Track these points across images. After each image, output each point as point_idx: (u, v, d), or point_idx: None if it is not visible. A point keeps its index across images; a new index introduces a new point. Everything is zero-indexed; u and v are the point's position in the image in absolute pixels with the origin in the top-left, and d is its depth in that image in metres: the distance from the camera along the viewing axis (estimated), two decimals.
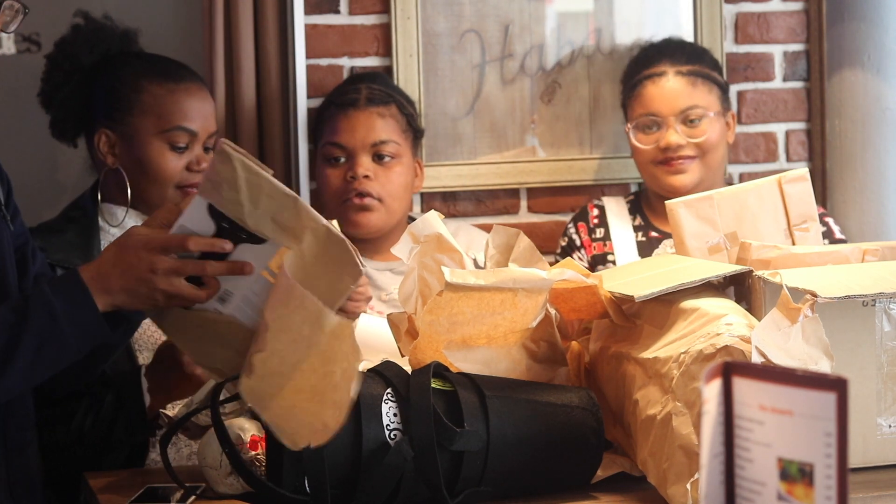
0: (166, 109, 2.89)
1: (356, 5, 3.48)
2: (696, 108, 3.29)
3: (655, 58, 3.36)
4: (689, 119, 3.29)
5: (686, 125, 3.29)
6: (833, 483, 1.39)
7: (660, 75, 3.32)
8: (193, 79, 2.96)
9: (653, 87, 3.32)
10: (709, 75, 3.34)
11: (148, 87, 2.90)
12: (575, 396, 2.16)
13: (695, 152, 3.28)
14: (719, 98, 3.35)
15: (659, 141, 3.29)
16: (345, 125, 3.19)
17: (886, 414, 2.15)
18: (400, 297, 2.34)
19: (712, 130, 3.30)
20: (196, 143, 2.89)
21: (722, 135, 3.34)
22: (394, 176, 3.18)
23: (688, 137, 3.28)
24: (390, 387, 2.08)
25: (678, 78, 3.31)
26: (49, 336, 2.08)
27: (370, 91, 3.23)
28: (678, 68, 3.32)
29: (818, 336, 1.99)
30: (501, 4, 3.54)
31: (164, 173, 2.87)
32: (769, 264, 2.30)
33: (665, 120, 3.29)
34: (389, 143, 3.18)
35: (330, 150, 3.21)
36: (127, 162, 2.89)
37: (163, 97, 2.89)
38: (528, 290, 2.18)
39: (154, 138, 2.88)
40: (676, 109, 3.29)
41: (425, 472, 2.03)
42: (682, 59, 3.34)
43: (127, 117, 2.89)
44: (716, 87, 3.35)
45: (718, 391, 1.48)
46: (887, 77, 3.55)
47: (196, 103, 2.92)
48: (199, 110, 2.91)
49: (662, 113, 3.29)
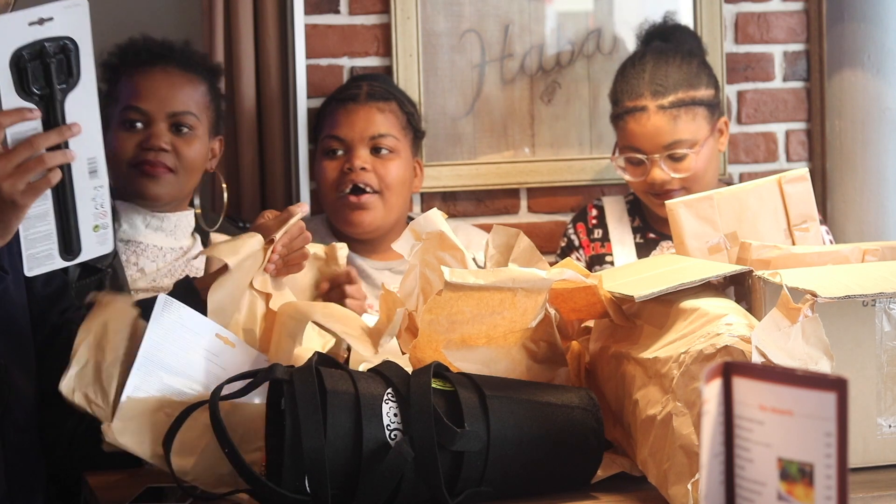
0: (124, 94, 2.98)
1: (356, 5, 3.48)
2: (680, 143, 3.22)
3: (637, 89, 3.26)
4: (675, 156, 3.24)
5: (671, 160, 3.25)
6: (833, 483, 1.39)
7: (641, 110, 3.24)
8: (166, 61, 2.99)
9: (635, 124, 3.25)
10: (693, 100, 3.25)
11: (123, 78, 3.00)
12: (575, 396, 2.16)
13: (681, 185, 3.23)
14: (706, 118, 3.27)
15: (645, 176, 3.26)
16: (344, 119, 3.20)
17: (886, 414, 2.15)
18: (401, 294, 2.34)
19: (698, 162, 3.23)
20: (151, 122, 2.93)
21: (711, 157, 3.27)
22: (392, 168, 3.17)
23: (673, 173, 3.24)
24: (390, 387, 2.08)
25: (660, 114, 3.23)
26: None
27: (371, 87, 3.24)
28: (660, 101, 3.23)
29: (818, 336, 1.99)
30: (501, 4, 3.54)
31: (114, 152, 2.94)
32: (769, 264, 2.30)
33: (649, 157, 3.24)
34: (388, 137, 3.18)
35: (329, 142, 3.21)
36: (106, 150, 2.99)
37: (126, 83, 2.99)
38: (527, 290, 2.18)
39: (115, 123, 2.97)
40: (659, 146, 3.23)
41: (426, 472, 2.03)
42: (664, 91, 3.24)
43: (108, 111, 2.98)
44: (700, 108, 3.26)
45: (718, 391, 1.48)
46: (887, 77, 3.55)
47: (153, 83, 2.96)
48: (155, 91, 2.95)
49: (645, 149, 3.23)
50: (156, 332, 2.20)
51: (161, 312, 2.22)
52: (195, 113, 2.96)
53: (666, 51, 3.33)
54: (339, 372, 2.10)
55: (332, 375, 2.07)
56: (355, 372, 2.11)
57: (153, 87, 2.96)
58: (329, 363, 2.13)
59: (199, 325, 2.25)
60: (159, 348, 2.20)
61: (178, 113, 2.95)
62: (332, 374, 2.08)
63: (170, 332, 2.22)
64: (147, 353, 2.19)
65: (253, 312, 2.38)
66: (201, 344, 2.23)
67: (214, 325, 2.27)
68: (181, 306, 2.24)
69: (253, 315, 2.38)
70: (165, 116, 2.94)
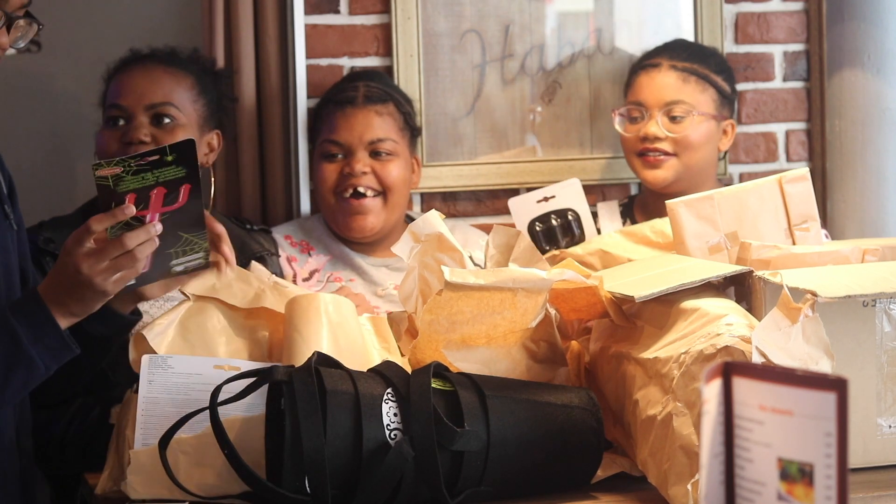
0: (109, 95, 2.98)
1: (356, 5, 3.48)
2: (682, 103, 3.26)
3: (657, 52, 3.36)
4: (673, 114, 3.27)
5: (669, 119, 3.27)
6: (833, 483, 1.39)
7: (654, 66, 3.31)
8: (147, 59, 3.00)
9: (645, 77, 3.31)
10: (707, 76, 3.32)
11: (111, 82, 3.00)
12: (575, 397, 2.16)
13: (672, 148, 3.25)
14: (715, 101, 3.30)
15: (640, 131, 3.28)
16: (342, 123, 3.19)
17: (886, 414, 2.15)
18: (400, 296, 2.34)
19: (694, 129, 3.26)
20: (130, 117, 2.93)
21: (708, 137, 3.29)
22: (392, 169, 3.17)
23: (667, 132, 3.26)
24: (390, 387, 2.08)
25: (670, 72, 3.29)
26: (15, 361, 2.12)
27: (368, 89, 3.23)
28: (674, 63, 3.30)
29: (818, 336, 1.99)
30: (502, 4, 3.54)
31: (100, 153, 2.94)
32: (769, 264, 2.30)
33: (649, 111, 3.28)
34: (387, 141, 3.18)
35: (327, 147, 3.20)
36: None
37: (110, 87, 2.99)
38: (527, 290, 2.18)
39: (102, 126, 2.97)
40: (661, 101, 3.27)
41: (426, 472, 2.03)
42: (681, 56, 3.32)
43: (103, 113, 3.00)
44: (712, 89, 3.31)
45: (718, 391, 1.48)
46: (887, 77, 3.55)
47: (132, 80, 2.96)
48: (134, 86, 2.95)
49: (648, 103, 3.28)
50: (147, 390, 2.24)
51: (147, 370, 2.25)
52: (176, 104, 2.94)
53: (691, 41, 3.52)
54: (339, 371, 2.10)
55: (331, 375, 2.07)
56: (355, 372, 2.11)
57: (132, 83, 2.95)
58: (328, 363, 2.13)
59: (193, 366, 2.28)
60: (155, 402, 2.24)
61: (157, 104, 2.92)
62: (332, 373, 2.08)
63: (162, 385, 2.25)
64: (145, 411, 2.23)
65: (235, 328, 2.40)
66: (201, 381, 2.25)
67: (209, 360, 2.30)
68: (168, 357, 2.27)
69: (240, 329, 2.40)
70: (143, 109, 2.92)
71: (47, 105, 3.55)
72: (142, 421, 2.22)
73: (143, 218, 2.13)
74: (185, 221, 2.18)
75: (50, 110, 3.55)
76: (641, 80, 3.32)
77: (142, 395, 2.23)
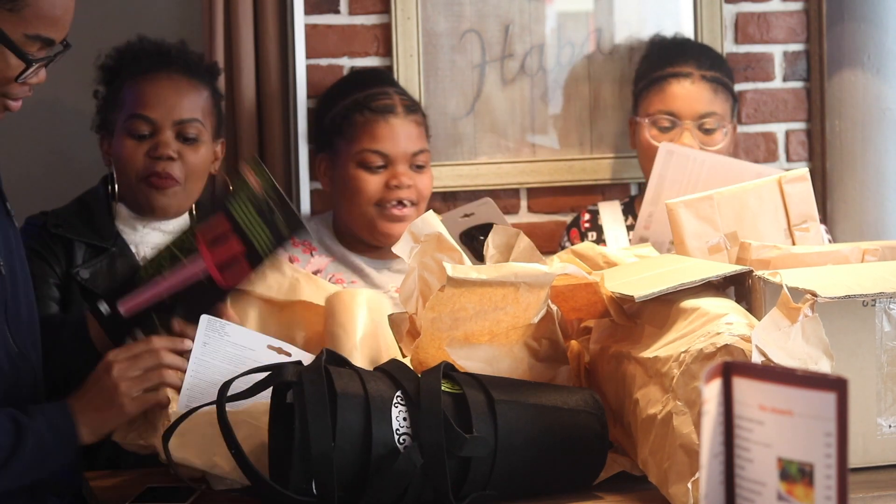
0: (129, 100, 2.95)
1: (356, 5, 3.48)
2: (714, 115, 3.28)
3: (682, 57, 3.35)
4: (705, 127, 3.28)
5: (702, 132, 3.28)
6: (833, 483, 1.39)
7: (686, 76, 3.31)
8: (170, 67, 2.97)
9: (677, 86, 3.31)
10: (727, 84, 3.35)
11: (126, 83, 2.97)
12: (581, 400, 2.16)
13: None
14: (731, 109, 3.34)
15: (673, 141, 3.27)
16: (386, 132, 3.17)
17: (886, 414, 2.15)
18: (401, 297, 2.34)
19: (723, 141, 3.29)
20: (158, 130, 2.92)
21: (729, 148, 3.33)
22: (426, 180, 3.20)
23: (701, 144, 3.26)
24: (400, 389, 2.07)
25: (702, 83, 3.30)
26: (36, 466, 2.17)
27: (402, 99, 3.22)
28: (703, 72, 3.31)
29: (818, 336, 1.99)
30: (501, 4, 3.54)
31: (123, 162, 2.94)
32: (769, 264, 2.30)
33: (682, 122, 3.28)
34: (424, 153, 3.20)
35: (369, 157, 3.16)
36: (112, 159, 2.99)
37: (130, 89, 2.96)
38: (529, 285, 2.18)
39: (121, 131, 2.95)
40: (695, 114, 3.28)
41: (433, 477, 2.03)
42: (706, 64, 3.33)
43: (111, 115, 2.97)
44: (731, 97, 3.35)
45: (718, 391, 1.48)
46: (887, 77, 3.55)
47: (159, 91, 2.94)
48: (163, 98, 2.94)
49: (682, 115, 3.28)
50: (200, 352, 2.24)
51: (205, 331, 2.25)
52: (200, 119, 2.94)
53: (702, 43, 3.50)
54: (349, 371, 2.09)
55: (341, 376, 2.06)
56: (364, 372, 2.11)
57: (159, 94, 2.93)
58: (338, 361, 2.13)
59: (249, 339, 2.28)
60: (206, 367, 2.23)
61: (185, 121, 2.92)
62: (342, 373, 2.07)
63: (216, 350, 2.25)
64: (195, 372, 2.23)
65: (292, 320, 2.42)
66: (253, 357, 2.25)
67: (264, 338, 2.30)
68: (226, 324, 2.27)
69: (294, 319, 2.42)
70: (172, 124, 2.92)
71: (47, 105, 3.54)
72: (189, 381, 2.22)
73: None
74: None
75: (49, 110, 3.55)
76: (673, 88, 3.31)
77: (195, 355, 2.23)
